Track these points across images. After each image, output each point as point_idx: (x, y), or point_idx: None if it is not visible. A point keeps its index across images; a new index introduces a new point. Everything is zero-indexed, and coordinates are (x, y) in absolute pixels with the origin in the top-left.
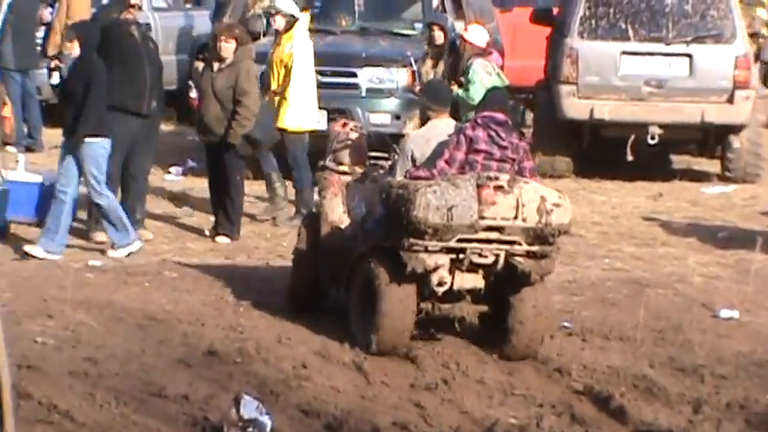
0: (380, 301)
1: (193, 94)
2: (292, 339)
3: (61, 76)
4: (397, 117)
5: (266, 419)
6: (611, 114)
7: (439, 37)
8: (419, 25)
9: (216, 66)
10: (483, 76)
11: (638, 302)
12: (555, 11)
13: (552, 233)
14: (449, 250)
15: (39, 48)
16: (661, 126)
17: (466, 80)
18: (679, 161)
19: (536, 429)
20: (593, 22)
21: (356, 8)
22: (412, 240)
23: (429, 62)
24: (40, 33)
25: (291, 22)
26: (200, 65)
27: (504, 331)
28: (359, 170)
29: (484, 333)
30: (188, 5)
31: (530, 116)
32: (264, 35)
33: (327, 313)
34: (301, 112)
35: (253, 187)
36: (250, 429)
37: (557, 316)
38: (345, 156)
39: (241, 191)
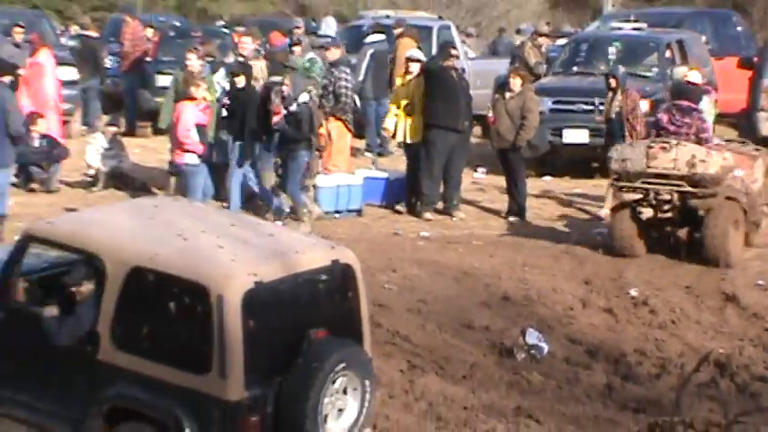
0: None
1: (491, 115)
2: (565, 290)
3: None
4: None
5: (544, 345)
6: None
7: (612, 83)
8: (655, 69)
9: (507, 95)
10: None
11: None
12: (755, 59)
13: (701, 180)
14: (638, 190)
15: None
16: None
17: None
18: None
19: (738, 357)
20: None
21: (610, 56)
22: (615, 181)
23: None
24: None
25: None
26: (497, 96)
27: (701, 247)
28: None
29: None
30: (491, 57)
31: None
32: (544, 76)
33: (587, 269)
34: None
35: None
36: (533, 351)
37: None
38: None
39: (525, 183)
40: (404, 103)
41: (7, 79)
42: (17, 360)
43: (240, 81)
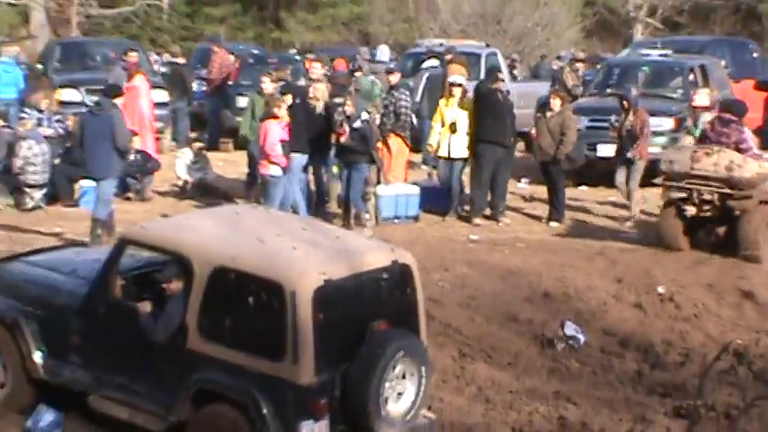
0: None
1: (533, 131)
2: (599, 287)
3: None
4: (664, 147)
5: (581, 336)
6: None
7: (625, 104)
8: (680, 91)
9: (548, 114)
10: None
11: None
12: None
13: (737, 182)
14: (683, 189)
15: None
16: None
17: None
18: None
19: (755, 347)
20: None
21: (639, 80)
22: (664, 181)
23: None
24: None
25: None
26: (539, 114)
27: (736, 243)
28: None
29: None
30: (533, 80)
31: None
32: (581, 97)
33: (619, 269)
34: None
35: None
36: (571, 342)
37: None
38: None
39: (563, 192)
40: (448, 121)
41: (119, 101)
42: (115, 348)
43: (288, 100)
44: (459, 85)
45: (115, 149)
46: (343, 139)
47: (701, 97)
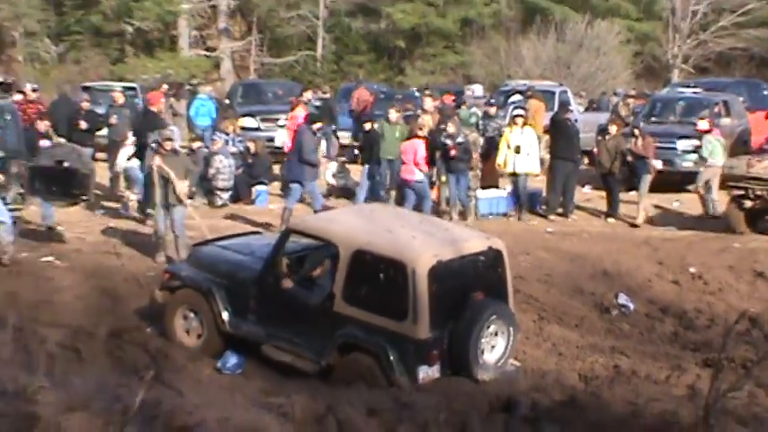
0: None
1: (595, 150)
2: (644, 268)
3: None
4: (695, 163)
5: (630, 304)
6: None
7: (636, 132)
8: (706, 119)
9: (607, 137)
10: (715, 142)
11: None
12: None
13: None
14: (741, 188)
15: None
16: None
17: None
18: None
19: (766, 314)
20: None
21: (675, 112)
22: (727, 182)
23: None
24: None
25: None
26: (599, 138)
27: None
28: None
29: None
30: (595, 111)
31: None
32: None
33: (660, 254)
34: None
35: None
36: (623, 309)
37: None
38: None
39: (618, 196)
40: (513, 144)
41: (316, 126)
42: (281, 310)
43: (368, 126)
44: (521, 115)
45: (301, 161)
46: (453, 153)
47: (702, 123)
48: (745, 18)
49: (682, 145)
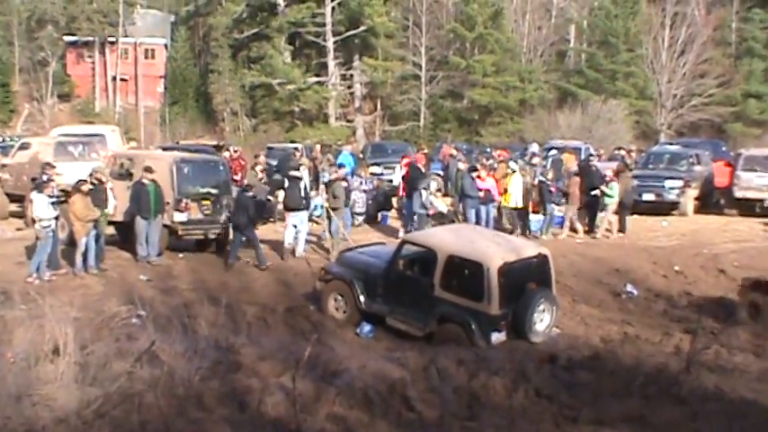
0: None
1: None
2: (644, 266)
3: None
4: (678, 196)
5: (635, 291)
6: None
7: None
8: (684, 167)
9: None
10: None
11: None
12: (731, 162)
13: None
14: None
15: None
16: None
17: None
18: None
19: (726, 298)
20: None
21: (663, 161)
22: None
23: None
24: None
25: None
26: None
27: None
28: None
29: None
30: (609, 161)
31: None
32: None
33: (654, 257)
34: None
35: None
36: (630, 294)
37: None
38: None
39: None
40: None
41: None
42: (399, 294)
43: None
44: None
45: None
46: (552, 190)
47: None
48: (709, 99)
49: (669, 183)
